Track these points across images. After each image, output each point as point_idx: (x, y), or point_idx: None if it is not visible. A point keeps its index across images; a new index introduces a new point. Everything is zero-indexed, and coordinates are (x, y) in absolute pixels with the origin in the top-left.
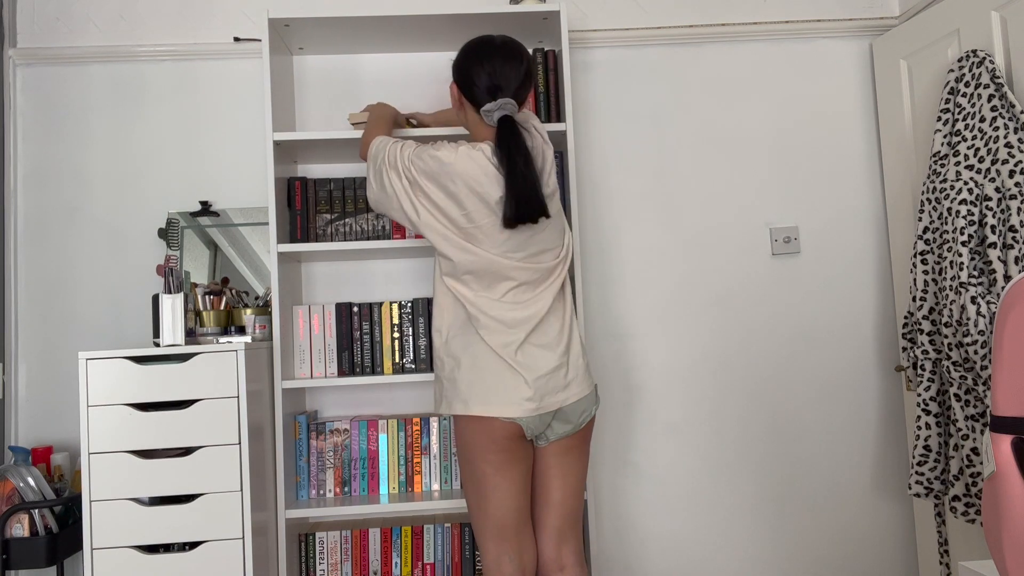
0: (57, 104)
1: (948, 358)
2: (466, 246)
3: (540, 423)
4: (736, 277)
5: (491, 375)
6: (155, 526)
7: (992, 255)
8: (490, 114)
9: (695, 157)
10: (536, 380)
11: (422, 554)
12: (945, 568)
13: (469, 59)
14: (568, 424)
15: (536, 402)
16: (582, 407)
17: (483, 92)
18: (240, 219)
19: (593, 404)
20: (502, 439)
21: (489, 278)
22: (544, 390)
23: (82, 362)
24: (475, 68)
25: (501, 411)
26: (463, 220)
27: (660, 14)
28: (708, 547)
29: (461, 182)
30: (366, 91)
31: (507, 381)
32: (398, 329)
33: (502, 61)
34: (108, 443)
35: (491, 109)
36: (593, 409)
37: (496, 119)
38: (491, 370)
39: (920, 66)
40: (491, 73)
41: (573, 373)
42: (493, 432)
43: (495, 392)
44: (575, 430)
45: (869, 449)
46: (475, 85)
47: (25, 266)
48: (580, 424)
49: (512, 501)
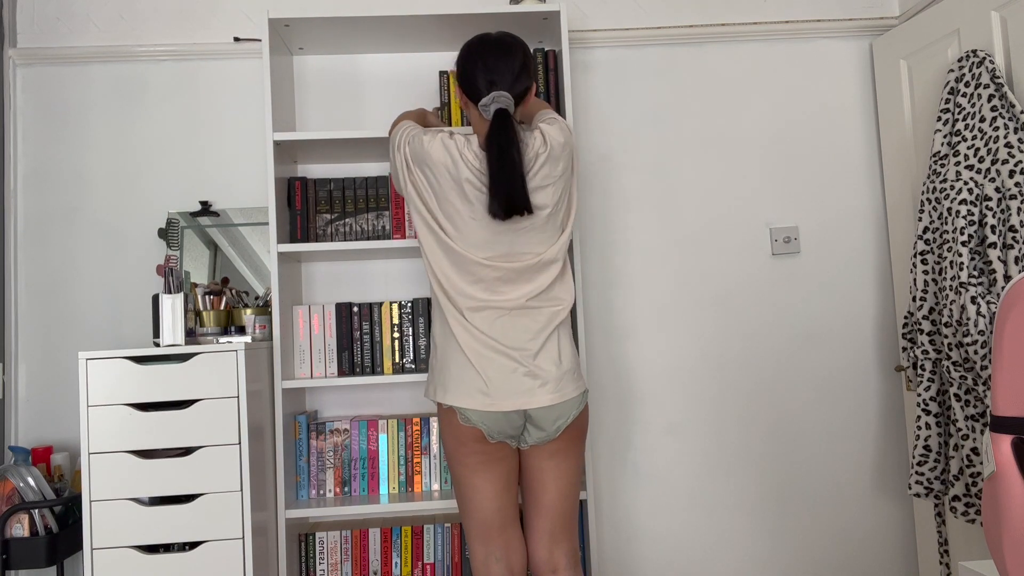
0: (57, 104)
1: (948, 358)
2: (438, 233)
3: (504, 424)
4: (736, 277)
5: (455, 366)
6: (155, 526)
7: (992, 255)
8: (487, 108)
9: (695, 157)
10: (491, 379)
11: (422, 554)
12: (945, 568)
13: (465, 57)
14: (542, 431)
15: (489, 398)
16: (556, 413)
17: (479, 88)
18: (240, 219)
19: (573, 410)
20: (468, 441)
21: (458, 272)
22: (500, 389)
23: (82, 362)
24: (471, 65)
25: (455, 400)
26: (437, 205)
27: (660, 14)
28: (708, 547)
29: (437, 169)
30: (366, 91)
31: (466, 374)
32: (398, 329)
33: (496, 56)
34: (108, 443)
35: (486, 104)
36: (572, 415)
37: (492, 112)
38: (455, 361)
39: (920, 66)
40: (485, 68)
41: (544, 379)
42: (457, 432)
43: (456, 382)
44: (551, 437)
45: (869, 449)
46: (471, 82)
47: (25, 266)
48: (556, 431)
49: (492, 502)
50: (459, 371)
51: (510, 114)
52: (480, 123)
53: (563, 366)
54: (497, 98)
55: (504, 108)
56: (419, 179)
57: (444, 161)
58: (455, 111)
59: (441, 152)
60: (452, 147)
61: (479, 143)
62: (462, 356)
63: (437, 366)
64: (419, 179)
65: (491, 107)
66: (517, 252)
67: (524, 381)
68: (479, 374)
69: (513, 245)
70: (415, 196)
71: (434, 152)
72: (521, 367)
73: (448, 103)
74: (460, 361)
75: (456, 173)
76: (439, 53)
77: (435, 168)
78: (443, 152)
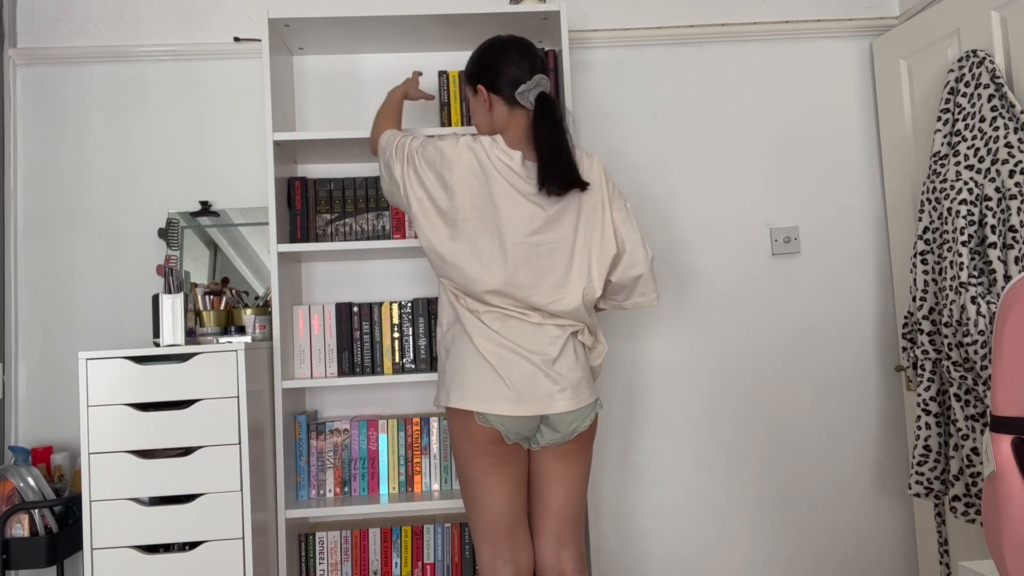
0: (57, 104)
1: (948, 358)
2: (443, 230)
3: (522, 427)
4: (736, 277)
5: (472, 370)
6: (155, 526)
7: (992, 255)
8: (526, 94)
9: (695, 157)
10: (515, 382)
11: (422, 554)
12: (945, 568)
13: (488, 55)
14: (557, 433)
15: (514, 402)
16: (571, 418)
17: (514, 78)
18: (240, 219)
19: (587, 417)
20: (483, 443)
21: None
22: (523, 394)
23: (82, 362)
24: (498, 59)
25: (475, 405)
26: (448, 208)
27: (660, 14)
28: (708, 547)
29: (459, 172)
30: (366, 91)
31: (485, 377)
32: (398, 329)
33: (521, 48)
34: (108, 443)
35: (528, 88)
36: (587, 422)
37: (534, 97)
38: (472, 365)
39: (920, 66)
40: (517, 58)
41: (563, 385)
42: (471, 433)
43: (474, 387)
44: (565, 439)
45: (869, 449)
46: (504, 74)
47: (25, 266)
48: (571, 434)
49: (502, 504)
50: (476, 374)
51: (552, 97)
52: (510, 120)
53: (579, 372)
54: (540, 81)
55: (546, 91)
56: (430, 179)
57: (469, 162)
58: (455, 111)
59: (468, 156)
60: (479, 150)
61: (505, 142)
62: (480, 359)
63: (449, 369)
64: (430, 179)
65: (533, 91)
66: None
67: (545, 385)
68: (500, 377)
69: (529, 266)
70: (425, 198)
71: (462, 156)
72: (540, 371)
73: (448, 103)
74: (477, 364)
75: (484, 177)
76: (439, 53)
77: (457, 170)
78: (470, 156)
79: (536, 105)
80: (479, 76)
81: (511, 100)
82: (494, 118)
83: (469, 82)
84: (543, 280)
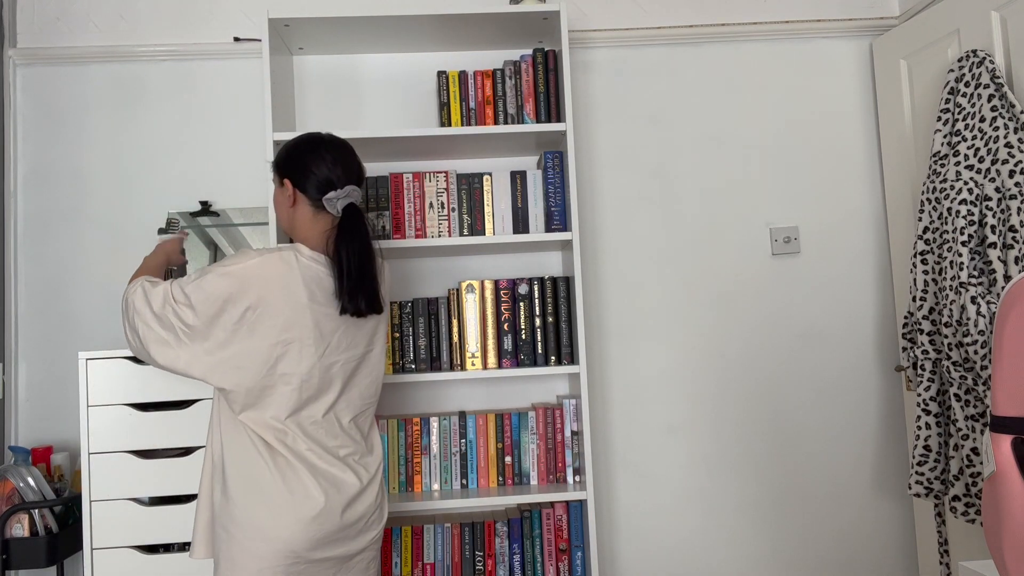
0: (57, 104)
1: (948, 358)
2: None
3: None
4: (736, 277)
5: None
6: (155, 526)
7: (992, 255)
8: (333, 202)
9: (695, 157)
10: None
11: (422, 554)
12: (945, 568)
13: (302, 151)
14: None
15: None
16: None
17: (324, 181)
18: (240, 219)
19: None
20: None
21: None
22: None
23: (82, 362)
24: (312, 157)
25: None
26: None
27: (660, 14)
28: (708, 547)
29: (271, 290)
30: (366, 91)
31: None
32: (398, 329)
33: (339, 153)
34: (108, 443)
35: (336, 197)
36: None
37: (341, 207)
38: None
39: (920, 66)
40: (333, 162)
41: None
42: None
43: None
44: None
45: (869, 449)
46: (314, 174)
47: (25, 266)
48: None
49: None
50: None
51: (361, 210)
52: (310, 225)
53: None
54: (351, 192)
55: (355, 203)
56: (241, 314)
57: (283, 276)
58: (455, 111)
59: (279, 267)
60: (290, 259)
61: (313, 247)
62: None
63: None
64: (241, 314)
65: (342, 201)
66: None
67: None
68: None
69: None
70: (236, 332)
71: (270, 268)
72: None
73: (448, 103)
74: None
75: (295, 289)
76: (439, 53)
77: (271, 289)
78: (281, 266)
79: (344, 215)
80: (288, 167)
81: (317, 203)
82: (294, 218)
83: (276, 171)
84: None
